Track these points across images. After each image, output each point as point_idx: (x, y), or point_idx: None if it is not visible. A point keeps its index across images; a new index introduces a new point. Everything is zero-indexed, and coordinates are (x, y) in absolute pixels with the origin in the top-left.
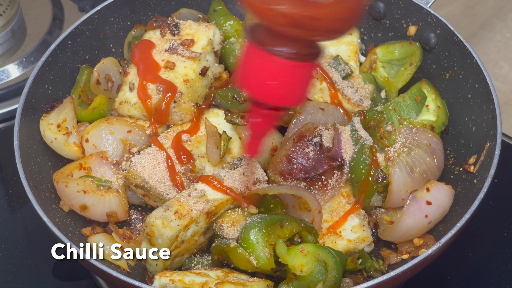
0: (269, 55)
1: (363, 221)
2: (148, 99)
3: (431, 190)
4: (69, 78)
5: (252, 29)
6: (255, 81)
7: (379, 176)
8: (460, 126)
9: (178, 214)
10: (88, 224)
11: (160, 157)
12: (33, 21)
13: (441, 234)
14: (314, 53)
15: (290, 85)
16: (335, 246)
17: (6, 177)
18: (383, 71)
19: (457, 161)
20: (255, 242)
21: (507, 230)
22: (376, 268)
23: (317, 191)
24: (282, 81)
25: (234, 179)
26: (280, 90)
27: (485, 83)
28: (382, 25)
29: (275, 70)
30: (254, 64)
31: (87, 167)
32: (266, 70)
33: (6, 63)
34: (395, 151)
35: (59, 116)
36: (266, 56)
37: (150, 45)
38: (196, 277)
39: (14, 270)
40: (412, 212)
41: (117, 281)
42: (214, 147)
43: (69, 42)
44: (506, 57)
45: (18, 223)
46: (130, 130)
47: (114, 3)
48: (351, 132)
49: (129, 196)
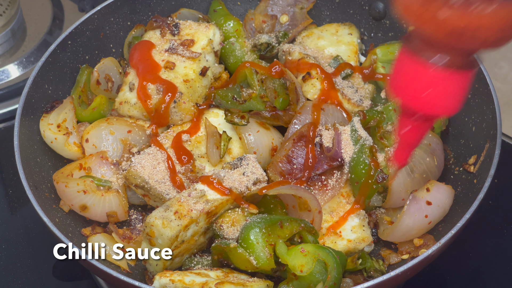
0: (426, 64)
1: (363, 221)
2: (148, 99)
3: (431, 190)
4: (69, 78)
5: (408, 37)
6: (410, 90)
7: (379, 176)
8: (460, 126)
9: (178, 214)
10: (88, 224)
11: (160, 157)
12: (33, 21)
13: (441, 234)
14: (471, 62)
15: (446, 94)
16: (335, 246)
17: (6, 177)
18: (383, 71)
19: (457, 161)
20: (255, 242)
21: (507, 230)
22: (376, 268)
23: (317, 191)
24: (438, 90)
25: (234, 179)
26: (436, 99)
27: (485, 83)
28: (382, 25)
29: (431, 79)
30: (409, 72)
31: (87, 167)
32: (421, 79)
33: (6, 63)
34: None
35: (59, 116)
36: (422, 64)
37: (149, 45)
38: (196, 277)
39: (14, 270)
40: (412, 212)
41: (117, 281)
42: (214, 147)
43: (69, 42)
44: (506, 57)
45: (18, 223)
46: (130, 130)
47: (114, 3)
48: (351, 132)
49: (129, 196)
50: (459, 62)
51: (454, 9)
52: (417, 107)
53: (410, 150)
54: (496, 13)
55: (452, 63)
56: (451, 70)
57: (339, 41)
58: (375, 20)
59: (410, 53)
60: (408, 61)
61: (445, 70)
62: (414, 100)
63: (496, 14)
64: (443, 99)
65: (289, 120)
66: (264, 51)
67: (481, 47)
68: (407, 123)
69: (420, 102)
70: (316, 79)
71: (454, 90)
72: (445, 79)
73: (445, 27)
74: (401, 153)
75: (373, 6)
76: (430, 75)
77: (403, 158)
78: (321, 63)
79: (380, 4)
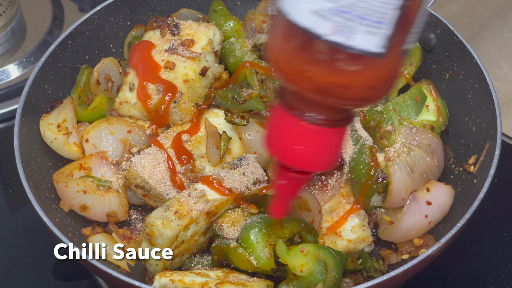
0: (297, 120)
1: (363, 221)
2: (148, 99)
3: (431, 190)
4: (69, 78)
5: (281, 91)
6: (282, 145)
7: (379, 176)
8: (460, 126)
9: (178, 214)
10: (88, 224)
11: (160, 157)
12: (33, 21)
13: (441, 234)
14: (344, 118)
15: (319, 150)
16: (335, 246)
17: (6, 177)
18: None
19: (457, 161)
20: (255, 242)
21: (507, 230)
22: (376, 268)
23: (317, 191)
24: (311, 147)
25: (234, 179)
26: (309, 155)
27: (485, 83)
28: None
29: (303, 135)
30: (281, 128)
31: (87, 167)
32: (294, 135)
33: (6, 63)
34: (395, 151)
35: (59, 116)
36: (294, 120)
37: (149, 45)
38: (196, 277)
39: (14, 270)
40: (412, 212)
41: (117, 281)
42: (214, 147)
43: (69, 42)
44: (506, 57)
45: (18, 223)
46: (130, 130)
47: (114, 3)
48: (351, 132)
49: (129, 196)
50: (331, 118)
51: (319, 66)
52: (290, 163)
53: (287, 203)
54: (362, 72)
55: (323, 120)
56: (323, 127)
57: None
58: None
59: (282, 108)
60: (281, 116)
61: (316, 127)
62: (287, 156)
63: (362, 73)
64: (315, 155)
65: None
66: (264, 51)
67: (350, 105)
68: (283, 177)
69: (293, 159)
70: None
71: (327, 146)
72: (317, 135)
73: (311, 83)
74: (278, 205)
75: None
76: (301, 132)
77: (280, 211)
78: None
79: None
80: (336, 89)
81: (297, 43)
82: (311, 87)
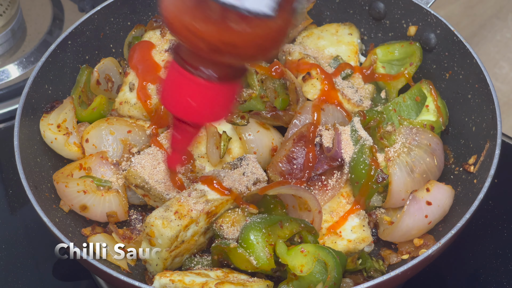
0: (189, 75)
1: (363, 221)
2: (148, 99)
3: (431, 190)
4: (69, 78)
5: (175, 48)
6: (175, 99)
7: (379, 176)
8: (460, 126)
9: (178, 214)
10: (88, 224)
11: (160, 157)
12: (33, 21)
13: (441, 234)
14: (236, 74)
15: (210, 103)
16: (335, 246)
17: (6, 177)
18: (383, 71)
19: (457, 161)
20: (255, 242)
21: (507, 230)
22: (376, 268)
23: (317, 191)
24: (203, 100)
25: (234, 179)
26: (201, 108)
27: (485, 83)
28: (382, 25)
29: (195, 89)
30: (175, 82)
31: (87, 167)
32: (186, 89)
33: (6, 63)
34: (395, 151)
35: (59, 116)
36: (187, 75)
37: (149, 45)
38: (196, 277)
39: (14, 270)
40: (412, 212)
41: (117, 281)
42: (214, 147)
43: (69, 42)
44: (506, 57)
45: (18, 223)
46: (130, 130)
47: (114, 3)
48: (351, 132)
49: (129, 196)
50: (222, 74)
51: (211, 25)
52: (182, 116)
53: (181, 155)
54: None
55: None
56: (215, 82)
57: (339, 41)
58: (375, 20)
59: (176, 63)
60: (175, 71)
61: (208, 81)
62: (180, 109)
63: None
64: (207, 108)
65: (289, 120)
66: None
67: (240, 62)
68: (177, 129)
69: (186, 111)
70: (316, 79)
71: (218, 99)
72: (208, 89)
73: (203, 42)
74: (172, 157)
75: (373, 6)
76: (193, 86)
77: (173, 162)
78: (321, 63)
79: (380, 4)
80: (227, 47)
81: (191, 3)
82: (203, 45)
